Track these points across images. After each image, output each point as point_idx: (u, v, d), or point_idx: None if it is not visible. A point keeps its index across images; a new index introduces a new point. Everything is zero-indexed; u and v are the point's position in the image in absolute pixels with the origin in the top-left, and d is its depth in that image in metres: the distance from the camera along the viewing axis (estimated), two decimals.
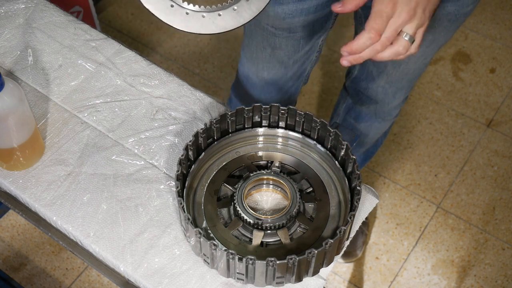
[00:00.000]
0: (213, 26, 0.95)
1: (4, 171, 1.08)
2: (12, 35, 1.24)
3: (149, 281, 0.97)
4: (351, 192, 0.99)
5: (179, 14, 0.94)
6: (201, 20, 0.95)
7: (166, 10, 0.94)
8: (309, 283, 0.97)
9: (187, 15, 0.94)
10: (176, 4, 0.94)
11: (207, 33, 0.95)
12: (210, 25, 0.95)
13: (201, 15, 0.94)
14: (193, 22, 0.94)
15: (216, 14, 0.95)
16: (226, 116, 1.03)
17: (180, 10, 0.94)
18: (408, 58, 1.34)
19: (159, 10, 0.94)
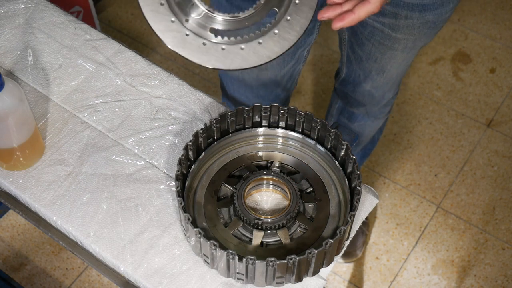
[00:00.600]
0: (255, 57, 0.83)
1: (4, 171, 1.08)
2: (12, 35, 1.24)
3: (149, 281, 0.97)
4: (351, 192, 0.99)
5: (214, 51, 0.83)
6: (240, 53, 0.83)
7: (198, 50, 0.83)
8: (309, 283, 0.97)
9: (224, 50, 0.83)
10: (208, 41, 0.83)
11: (250, 67, 0.83)
12: (252, 56, 0.83)
13: (239, 47, 0.83)
14: (232, 57, 0.83)
15: (256, 43, 0.83)
16: (226, 116, 1.03)
17: (215, 47, 0.83)
18: (390, 65, 1.35)
19: (190, 51, 0.83)
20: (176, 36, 0.82)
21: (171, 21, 0.82)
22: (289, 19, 0.83)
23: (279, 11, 0.83)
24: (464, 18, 2.49)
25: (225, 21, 0.85)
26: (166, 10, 0.81)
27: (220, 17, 0.84)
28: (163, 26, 0.82)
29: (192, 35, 0.83)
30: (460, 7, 2.51)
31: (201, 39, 0.83)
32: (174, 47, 0.82)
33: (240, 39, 0.83)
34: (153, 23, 0.82)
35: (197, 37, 0.83)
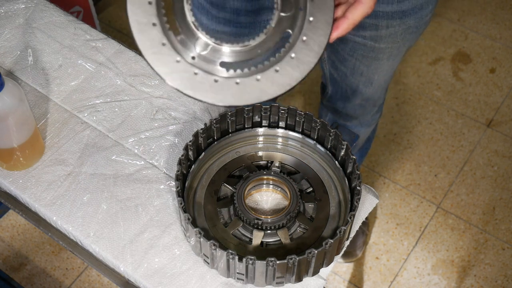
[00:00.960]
0: (274, 86, 0.75)
1: (4, 171, 1.08)
2: (12, 35, 1.24)
3: (149, 281, 0.97)
4: (351, 192, 0.99)
5: (228, 88, 0.75)
6: (257, 85, 0.75)
7: (211, 89, 0.75)
8: (309, 283, 0.97)
9: (238, 85, 0.75)
10: (220, 77, 0.75)
11: (271, 98, 0.75)
12: (270, 87, 0.75)
13: (255, 78, 0.75)
14: (249, 90, 0.75)
15: (273, 71, 0.76)
16: (226, 116, 1.03)
17: (228, 83, 0.75)
18: (377, 75, 1.34)
19: (202, 91, 0.75)
20: (184, 77, 0.75)
21: (176, 61, 0.75)
22: (305, 40, 0.75)
23: (292, 32, 0.76)
24: (464, 18, 2.49)
25: (235, 52, 0.77)
26: (169, 50, 0.74)
27: (229, 48, 0.77)
28: (168, 68, 0.74)
29: (202, 73, 0.75)
30: (460, 7, 2.51)
31: (212, 76, 0.75)
32: (184, 89, 0.75)
33: (255, 70, 0.76)
34: (157, 67, 0.74)
35: (207, 75, 0.75)
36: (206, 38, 0.76)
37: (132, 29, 0.72)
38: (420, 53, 2.37)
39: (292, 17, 0.76)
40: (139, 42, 0.73)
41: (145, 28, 0.73)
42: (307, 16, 0.75)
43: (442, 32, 2.44)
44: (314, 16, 0.75)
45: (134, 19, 0.73)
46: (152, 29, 0.73)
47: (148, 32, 0.73)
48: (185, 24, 0.75)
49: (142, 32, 0.73)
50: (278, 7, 0.76)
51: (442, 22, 2.47)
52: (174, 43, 0.75)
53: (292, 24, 0.76)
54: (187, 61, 0.75)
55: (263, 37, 0.77)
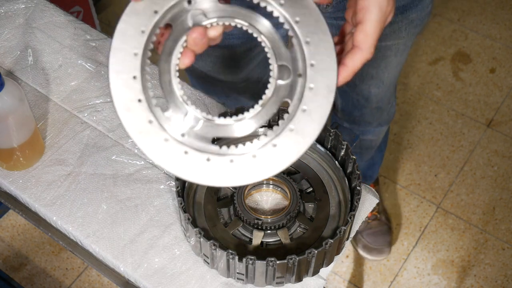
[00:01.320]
0: (272, 163, 0.68)
1: (4, 171, 1.08)
2: (12, 35, 1.24)
3: (149, 281, 0.97)
4: (351, 192, 0.99)
5: (222, 167, 0.68)
6: (253, 163, 0.68)
7: (203, 169, 0.68)
8: (309, 283, 0.97)
9: (232, 163, 0.68)
10: (212, 155, 0.69)
11: (268, 177, 0.69)
12: (267, 164, 0.68)
13: (251, 155, 0.69)
14: (244, 169, 0.68)
15: (270, 146, 0.69)
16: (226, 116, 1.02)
17: (221, 161, 0.69)
18: (388, 73, 1.33)
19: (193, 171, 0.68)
20: (174, 157, 0.68)
21: (165, 140, 0.68)
22: (305, 109, 0.68)
23: (291, 101, 0.70)
24: (464, 18, 2.49)
25: (228, 126, 0.71)
26: (157, 128, 0.68)
27: (222, 121, 0.71)
28: (156, 148, 0.68)
29: (192, 152, 0.69)
30: (460, 7, 2.51)
31: (203, 155, 0.69)
32: (173, 170, 0.68)
33: (250, 145, 0.69)
34: (145, 147, 0.68)
35: (199, 153, 0.68)
36: (196, 113, 0.70)
37: (116, 107, 0.67)
38: (420, 53, 2.37)
39: (290, 85, 0.70)
40: (124, 121, 0.68)
41: (130, 106, 0.68)
42: (307, 83, 0.69)
43: (442, 32, 2.44)
44: (315, 82, 0.69)
45: (118, 96, 0.68)
46: (137, 106, 0.68)
47: (134, 110, 0.68)
48: (173, 98, 0.70)
49: (127, 110, 0.68)
50: (275, 74, 0.70)
51: (442, 22, 2.47)
52: (161, 120, 0.69)
53: (291, 92, 0.70)
54: (176, 139, 0.69)
55: (258, 109, 0.70)
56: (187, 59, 0.70)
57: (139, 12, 0.68)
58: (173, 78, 0.70)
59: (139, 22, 0.68)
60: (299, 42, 0.69)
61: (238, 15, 0.70)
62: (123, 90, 0.68)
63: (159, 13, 0.69)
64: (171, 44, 0.70)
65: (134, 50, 0.68)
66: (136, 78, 0.68)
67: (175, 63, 0.70)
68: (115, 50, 0.68)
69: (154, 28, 0.69)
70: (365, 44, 0.71)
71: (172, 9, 0.69)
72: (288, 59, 0.70)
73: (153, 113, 0.68)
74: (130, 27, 0.68)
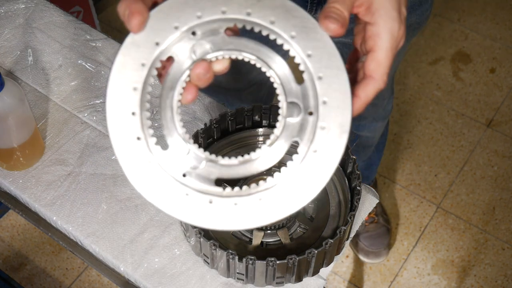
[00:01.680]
0: (278, 208, 0.64)
1: (4, 171, 1.08)
2: (12, 35, 1.24)
3: (149, 281, 0.97)
4: (351, 192, 0.99)
5: (225, 210, 0.64)
6: (258, 207, 0.64)
7: (205, 212, 0.64)
8: (309, 283, 0.97)
9: (236, 206, 0.64)
10: (215, 197, 0.65)
11: (274, 222, 0.64)
12: (273, 208, 0.64)
13: (257, 198, 0.64)
14: (248, 213, 0.64)
15: (277, 190, 0.65)
16: (226, 116, 1.02)
17: (225, 204, 0.64)
18: None
19: (195, 215, 0.64)
20: (174, 199, 0.64)
21: (165, 181, 0.64)
22: (316, 150, 0.64)
23: (301, 141, 0.65)
24: (464, 18, 2.49)
25: (233, 167, 0.67)
26: (156, 167, 0.64)
27: (226, 162, 0.67)
28: (155, 189, 0.64)
29: (194, 193, 0.64)
30: (460, 7, 2.51)
31: (206, 196, 0.64)
32: (173, 213, 0.64)
33: (256, 187, 0.64)
34: (142, 188, 0.64)
35: (201, 195, 0.64)
36: (199, 152, 0.66)
37: (113, 145, 0.64)
38: (420, 53, 2.37)
39: (300, 123, 0.65)
40: (121, 160, 0.64)
41: (128, 143, 0.64)
42: (319, 122, 0.64)
43: (442, 32, 2.44)
44: (327, 121, 0.64)
45: (116, 133, 0.64)
46: (136, 144, 0.64)
47: (131, 148, 0.64)
48: (174, 136, 0.66)
49: (125, 149, 0.64)
50: (284, 112, 0.65)
51: (442, 22, 2.47)
52: (161, 159, 0.65)
53: (301, 131, 0.65)
54: (177, 180, 0.64)
55: (266, 149, 0.65)
56: (190, 95, 0.66)
57: (139, 44, 0.64)
58: (175, 115, 0.66)
59: (139, 55, 0.64)
60: (311, 78, 0.64)
61: (246, 48, 0.65)
62: (121, 127, 0.64)
63: (161, 45, 0.64)
64: (173, 78, 0.65)
65: (134, 85, 0.64)
66: (135, 114, 0.64)
67: (177, 99, 0.66)
68: (113, 84, 0.63)
69: (155, 61, 0.64)
70: (377, 74, 0.67)
71: (175, 41, 0.64)
72: (299, 95, 0.65)
73: (152, 152, 0.64)
74: (130, 60, 0.63)
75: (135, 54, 0.64)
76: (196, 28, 0.64)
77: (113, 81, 0.63)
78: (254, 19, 0.64)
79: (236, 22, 0.64)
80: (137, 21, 0.62)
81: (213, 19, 0.64)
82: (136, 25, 0.62)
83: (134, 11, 0.62)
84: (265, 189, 0.64)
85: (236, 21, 0.64)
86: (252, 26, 0.64)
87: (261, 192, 0.64)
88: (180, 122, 0.66)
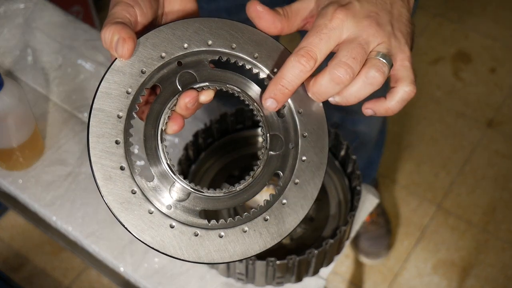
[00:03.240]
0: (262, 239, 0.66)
1: (4, 171, 1.08)
2: (11, 35, 1.24)
3: (149, 281, 0.97)
4: (351, 192, 0.99)
5: (210, 242, 0.64)
6: (243, 238, 0.65)
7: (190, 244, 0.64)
8: (309, 283, 0.97)
9: (222, 238, 0.64)
10: (200, 229, 0.64)
11: (257, 253, 0.66)
12: (258, 239, 0.66)
13: (241, 230, 0.65)
14: (233, 244, 0.64)
15: (261, 220, 0.66)
16: (226, 116, 1.02)
17: (210, 236, 0.64)
18: None
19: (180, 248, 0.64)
20: (159, 231, 0.63)
21: (149, 213, 0.63)
22: (297, 182, 0.67)
23: (283, 174, 0.67)
24: (464, 18, 2.49)
25: (218, 199, 0.67)
26: (140, 198, 0.63)
27: (212, 194, 0.66)
28: (139, 221, 0.62)
29: (179, 226, 0.63)
30: (460, 7, 2.51)
31: (191, 229, 0.63)
32: (158, 246, 0.63)
33: (241, 219, 0.65)
34: (126, 220, 0.62)
35: (186, 227, 0.63)
36: (184, 184, 0.65)
37: (94, 175, 0.61)
38: (420, 53, 2.37)
39: (282, 156, 0.67)
40: (103, 191, 0.61)
41: (111, 173, 0.62)
42: (299, 155, 0.67)
43: (442, 32, 2.44)
44: (307, 155, 0.67)
45: (98, 163, 0.62)
46: (119, 174, 0.62)
47: (115, 178, 0.62)
48: (159, 167, 0.65)
49: (108, 179, 0.62)
50: (267, 145, 0.67)
51: (442, 22, 2.47)
52: (146, 190, 0.63)
53: (283, 164, 0.67)
54: (162, 212, 0.63)
55: (250, 180, 0.67)
56: (176, 126, 0.66)
57: (125, 71, 0.63)
58: (159, 144, 0.66)
59: (125, 82, 0.63)
60: (291, 112, 0.67)
61: (230, 80, 0.67)
62: (104, 156, 0.62)
63: (146, 73, 0.63)
64: (158, 107, 0.65)
65: (118, 112, 0.63)
66: (119, 143, 0.63)
67: (162, 128, 0.65)
68: (96, 112, 0.62)
69: (141, 89, 0.63)
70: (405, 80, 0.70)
71: (160, 70, 0.65)
72: (280, 129, 0.68)
73: (136, 183, 0.63)
74: (115, 87, 0.63)
75: (121, 81, 0.63)
76: (182, 58, 0.65)
77: (96, 107, 0.62)
78: (238, 53, 0.66)
79: (221, 55, 0.66)
80: (130, 47, 0.61)
81: (199, 50, 0.65)
82: (128, 50, 0.61)
83: (126, 37, 0.61)
84: (249, 220, 0.65)
85: (221, 54, 0.66)
86: (236, 59, 0.66)
87: (245, 222, 0.65)
88: (166, 153, 0.65)
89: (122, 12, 0.62)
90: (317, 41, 0.63)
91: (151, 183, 0.64)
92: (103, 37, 0.61)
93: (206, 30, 0.65)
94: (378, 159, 1.83)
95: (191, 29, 0.65)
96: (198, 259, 0.64)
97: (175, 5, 0.68)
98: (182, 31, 0.64)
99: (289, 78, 0.63)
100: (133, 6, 0.63)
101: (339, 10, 0.63)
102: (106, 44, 0.62)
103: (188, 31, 0.64)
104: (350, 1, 0.65)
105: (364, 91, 0.66)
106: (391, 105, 0.71)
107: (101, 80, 0.63)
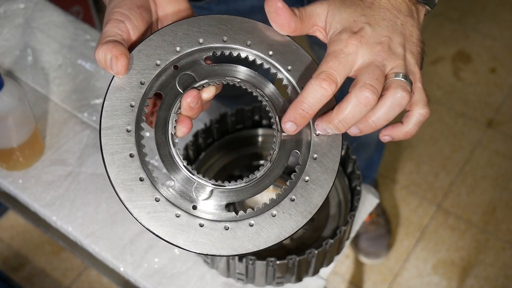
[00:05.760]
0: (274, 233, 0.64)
1: (4, 171, 1.08)
2: (11, 35, 1.24)
3: (149, 281, 0.97)
4: (351, 192, 0.99)
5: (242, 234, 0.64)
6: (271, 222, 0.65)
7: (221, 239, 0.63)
8: (309, 283, 0.97)
9: (252, 227, 0.64)
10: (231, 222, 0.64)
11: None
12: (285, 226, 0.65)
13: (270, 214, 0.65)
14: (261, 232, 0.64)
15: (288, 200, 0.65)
16: (226, 116, 1.02)
17: (241, 227, 0.64)
18: None
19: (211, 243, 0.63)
20: (190, 233, 0.63)
21: (176, 217, 0.63)
22: (316, 157, 0.67)
23: (300, 152, 0.68)
24: (464, 18, 2.49)
25: (241, 190, 0.67)
26: (165, 206, 0.63)
27: (233, 186, 0.67)
28: (169, 226, 0.63)
29: (208, 223, 0.63)
30: (460, 7, 2.51)
31: (220, 224, 0.64)
32: (194, 248, 0.63)
33: (268, 205, 0.65)
34: (158, 228, 0.62)
35: (215, 223, 0.64)
36: (205, 182, 0.66)
37: (116, 190, 0.62)
38: None
39: (295, 136, 0.68)
40: (128, 205, 0.62)
41: (132, 187, 0.62)
42: (312, 131, 0.68)
43: (443, 32, 2.44)
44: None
45: (117, 178, 0.62)
46: (140, 185, 0.63)
47: (137, 190, 0.63)
48: (177, 171, 0.66)
49: (130, 192, 0.62)
50: (278, 127, 0.67)
51: (442, 22, 2.47)
52: (169, 196, 0.64)
53: (297, 143, 0.68)
54: (189, 213, 0.64)
55: (268, 164, 0.67)
56: (185, 128, 0.66)
57: (124, 87, 0.64)
58: (172, 149, 0.66)
59: (127, 97, 0.64)
60: (295, 91, 0.68)
61: (228, 72, 0.68)
62: (121, 171, 0.62)
63: (146, 84, 0.64)
64: (164, 113, 0.66)
65: (127, 127, 0.63)
66: (133, 156, 0.63)
67: (172, 133, 0.66)
68: (105, 130, 0.63)
69: (144, 100, 0.64)
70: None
71: (159, 77, 0.65)
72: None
73: (158, 190, 0.64)
74: (118, 103, 0.63)
75: (123, 97, 0.64)
76: (177, 62, 0.66)
77: (105, 126, 0.63)
78: (231, 44, 0.66)
79: (215, 50, 0.66)
80: (124, 63, 0.62)
81: (192, 50, 0.66)
82: (123, 67, 0.62)
83: (118, 54, 0.61)
84: (276, 204, 0.65)
85: (214, 49, 0.66)
86: (230, 51, 0.67)
87: (273, 211, 0.65)
88: (180, 156, 0.66)
89: (113, 29, 0.63)
90: (336, 65, 0.64)
91: (172, 188, 0.65)
92: (97, 58, 0.62)
93: (195, 29, 0.66)
94: (378, 160, 1.83)
95: (180, 32, 0.66)
96: (234, 251, 0.64)
97: (168, 9, 0.69)
98: (171, 36, 0.65)
99: (310, 102, 0.64)
100: (123, 21, 0.64)
101: (352, 37, 0.65)
102: (101, 64, 0.63)
103: (178, 34, 0.65)
104: (362, 27, 0.66)
105: (393, 113, 0.66)
106: (409, 129, 0.71)
107: (104, 100, 0.63)
